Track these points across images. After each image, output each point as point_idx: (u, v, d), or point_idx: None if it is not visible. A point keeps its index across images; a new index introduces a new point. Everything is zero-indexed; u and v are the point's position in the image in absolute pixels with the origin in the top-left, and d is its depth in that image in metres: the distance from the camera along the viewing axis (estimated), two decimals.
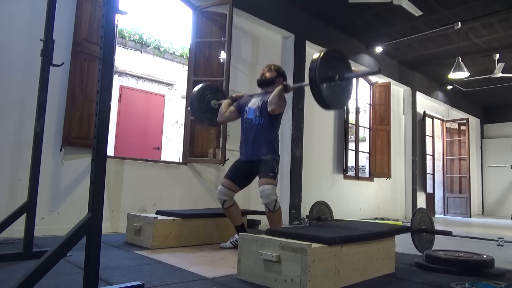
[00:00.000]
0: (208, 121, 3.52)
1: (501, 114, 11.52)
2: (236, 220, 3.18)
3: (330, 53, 2.50)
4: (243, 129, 3.18)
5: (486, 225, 7.43)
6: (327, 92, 2.43)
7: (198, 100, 3.41)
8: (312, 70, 2.38)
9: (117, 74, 7.92)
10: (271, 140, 3.07)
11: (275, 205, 2.92)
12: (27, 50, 3.41)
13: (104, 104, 1.55)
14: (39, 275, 1.38)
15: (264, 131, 3.05)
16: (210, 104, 3.46)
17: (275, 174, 2.98)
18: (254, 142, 3.06)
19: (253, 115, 3.11)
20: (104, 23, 1.57)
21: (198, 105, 3.41)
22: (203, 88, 3.46)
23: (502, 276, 2.42)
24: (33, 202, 2.37)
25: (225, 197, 3.10)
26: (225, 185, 3.10)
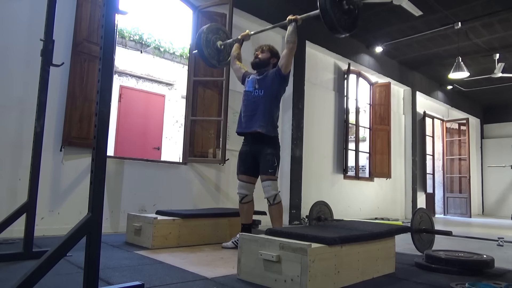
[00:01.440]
0: (217, 63, 3.58)
1: (501, 114, 11.52)
2: (247, 217, 3.19)
3: None
4: (243, 102, 3.19)
5: (486, 225, 7.43)
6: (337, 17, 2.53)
7: (205, 46, 3.44)
8: None
9: (117, 74, 7.92)
10: (270, 113, 3.05)
11: (274, 198, 3.01)
12: (27, 50, 3.41)
13: (104, 104, 1.55)
14: (39, 275, 1.38)
15: (262, 103, 3.05)
16: (216, 46, 3.49)
17: (275, 169, 3.02)
18: (251, 114, 3.07)
19: (252, 88, 3.12)
20: (104, 23, 1.57)
21: (207, 51, 3.45)
22: (205, 33, 3.46)
23: (502, 276, 2.42)
24: (33, 202, 2.37)
25: (246, 192, 3.14)
26: (244, 180, 3.14)
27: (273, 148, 3.06)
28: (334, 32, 2.64)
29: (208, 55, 3.47)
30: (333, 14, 2.49)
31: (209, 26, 3.58)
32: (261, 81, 3.10)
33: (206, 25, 3.61)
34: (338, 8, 2.54)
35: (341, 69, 7.09)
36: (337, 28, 2.58)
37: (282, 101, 5.67)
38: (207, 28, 3.51)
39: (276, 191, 3.03)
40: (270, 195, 3.00)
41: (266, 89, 3.06)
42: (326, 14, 2.49)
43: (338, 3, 2.55)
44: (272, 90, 3.07)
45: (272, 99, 3.08)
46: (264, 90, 3.06)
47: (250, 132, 3.07)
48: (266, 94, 3.06)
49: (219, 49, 3.51)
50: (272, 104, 3.08)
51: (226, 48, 3.64)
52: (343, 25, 2.61)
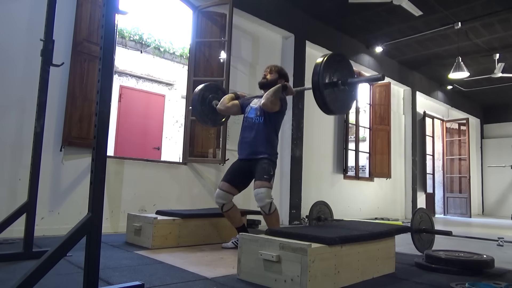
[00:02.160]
0: (211, 122, 3.52)
1: (501, 114, 11.52)
2: (236, 222, 3.16)
3: (333, 57, 2.49)
4: (243, 127, 3.18)
5: (486, 225, 7.43)
6: (330, 97, 2.42)
7: (200, 103, 3.39)
8: (315, 75, 2.36)
9: (117, 74, 7.92)
10: (270, 140, 3.06)
11: (270, 207, 2.88)
12: (27, 50, 3.41)
13: (104, 104, 1.55)
14: (39, 275, 1.38)
15: (263, 130, 3.04)
16: (212, 105, 3.44)
17: (270, 176, 2.94)
18: (252, 141, 3.05)
19: (254, 114, 3.11)
20: (104, 23, 1.57)
21: (200, 108, 3.39)
22: (203, 90, 3.43)
23: (502, 276, 2.42)
24: (33, 202, 2.37)
25: (223, 201, 3.06)
26: (224, 189, 3.06)
27: (270, 161, 3.02)
28: (325, 111, 2.51)
29: (202, 112, 3.40)
30: (325, 94, 2.36)
31: (207, 84, 3.55)
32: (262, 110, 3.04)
33: (205, 83, 3.54)
34: (331, 88, 2.43)
35: None
36: (329, 108, 2.44)
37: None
38: (205, 86, 3.48)
39: (270, 199, 2.88)
40: (264, 204, 2.85)
41: (266, 116, 3.04)
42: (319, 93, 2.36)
43: (333, 83, 2.43)
44: (271, 117, 3.06)
45: (271, 126, 3.07)
46: (264, 117, 3.05)
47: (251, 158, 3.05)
48: (266, 121, 3.04)
49: (214, 108, 3.41)
50: (272, 131, 3.08)
51: None
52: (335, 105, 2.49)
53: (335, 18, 6.29)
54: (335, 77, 2.46)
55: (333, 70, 2.46)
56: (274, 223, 2.95)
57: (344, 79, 2.49)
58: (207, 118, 3.47)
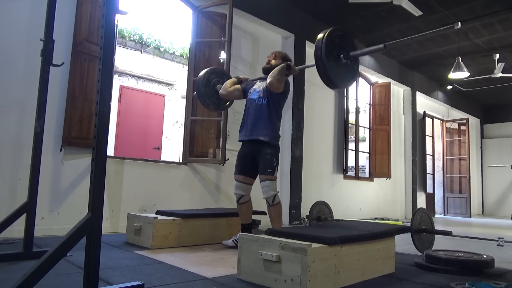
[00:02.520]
0: (214, 105, 3.53)
1: (501, 114, 11.52)
2: (246, 217, 3.20)
3: (335, 31, 2.51)
4: (245, 109, 3.20)
5: (486, 225, 7.43)
6: (333, 71, 2.45)
7: (204, 85, 3.42)
8: (318, 49, 2.39)
9: (117, 74, 7.92)
10: (272, 122, 3.08)
11: (274, 199, 2.99)
12: (27, 50, 3.41)
13: (104, 104, 1.55)
14: (39, 275, 1.38)
15: (265, 111, 3.07)
16: (216, 88, 3.46)
17: (273, 168, 3.01)
18: (254, 122, 3.08)
19: (256, 96, 3.14)
20: (104, 23, 1.57)
21: (204, 90, 3.42)
22: (208, 72, 3.46)
23: (502, 276, 2.42)
24: (33, 202, 2.37)
25: (242, 192, 3.13)
26: (241, 180, 3.14)
27: (272, 149, 3.07)
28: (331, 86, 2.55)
29: (205, 94, 3.42)
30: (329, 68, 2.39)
31: (213, 68, 3.61)
32: (265, 90, 3.09)
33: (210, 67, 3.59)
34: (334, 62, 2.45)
35: None
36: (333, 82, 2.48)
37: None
38: (211, 69, 3.53)
39: (275, 191, 3.02)
40: (269, 195, 3.00)
41: (269, 98, 3.09)
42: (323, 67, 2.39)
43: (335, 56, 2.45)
44: (274, 99, 3.10)
45: (274, 108, 3.10)
46: (267, 98, 3.09)
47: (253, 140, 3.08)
48: (268, 103, 3.08)
49: (218, 92, 3.43)
50: (274, 113, 3.11)
51: None
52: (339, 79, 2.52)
53: (335, 18, 6.29)
54: (337, 51, 2.48)
55: (335, 44, 2.48)
56: (275, 215, 3.04)
57: (346, 52, 2.51)
58: (210, 100, 3.48)
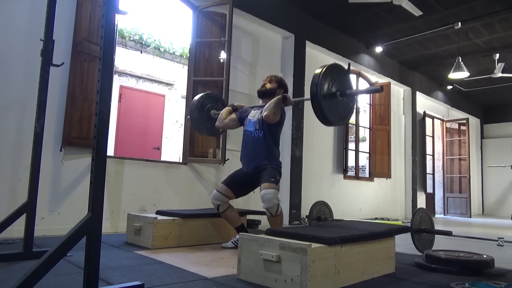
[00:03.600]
0: (207, 131, 3.50)
1: (501, 114, 11.52)
2: (234, 222, 3.17)
3: (332, 68, 2.49)
4: (243, 141, 3.17)
5: (486, 225, 7.43)
6: (328, 108, 2.42)
7: (198, 109, 3.39)
8: (313, 85, 2.37)
9: (117, 74, 7.92)
10: (271, 153, 3.06)
11: (277, 209, 2.87)
12: (27, 50, 3.41)
13: (104, 104, 1.55)
14: (39, 275, 1.38)
15: (263, 144, 3.03)
16: (210, 114, 3.43)
17: (277, 180, 2.96)
18: (253, 155, 3.06)
19: (253, 128, 3.09)
20: (104, 23, 1.57)
21: (197, 114, 3.38)
22: (203, 97, 3.43)
23: (502, 276, 2.42)
24: (33, 202, 2.37)
25: (218, 202, 3.08)
26: (221, 191, 3.08)
27: (275, 167, 3.03)
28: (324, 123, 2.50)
29: (199, 119, 3.39)
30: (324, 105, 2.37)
31: (208, 93, 3.58)
32: (262, 121, 3.04)
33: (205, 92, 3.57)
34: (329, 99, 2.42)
35: None
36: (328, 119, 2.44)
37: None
38: (206, 94, 3.50)
39: (278, 200, 2.89)
40: (272, 205, 2.82)
41: (265, 129, 3.04)
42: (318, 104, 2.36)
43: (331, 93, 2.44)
44: (271, 130, 3.06)
45: (271, 138, 3.06)
46: (264, 130, 3.04)
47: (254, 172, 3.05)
48: (265, 135, 3.04)
49: (212, 118, 3.40)
50: (272, 143, 3.07)
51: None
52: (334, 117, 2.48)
53: (335, 18, 6.29)
54: (333, 88, 2.46)
55: (332, 80, 2.46)
56: (278, 225, 2.95)
57: (342, 90, 2.49)
58: (203, 126, 3.44)
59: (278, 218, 2.92)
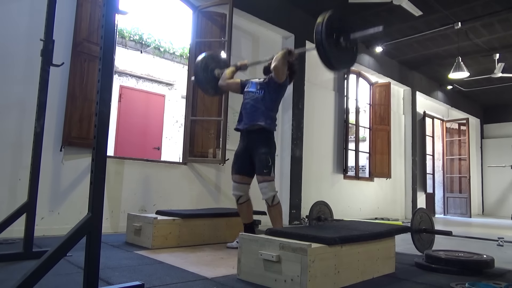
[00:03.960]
0: (212, 90, 3.53)
1: (501, 114, 11.52)
2: (247, 217, 3.19)
3: (334, 15, 2.55)
4: (243, 102, 3.22)
5: (486, 225, 7.43)
6: (333, 54, 2.50)
7: (202, 70, 3.42)
8: (318, 33, 2.45)
9: (117, 74, 7.92)
10: (269, 110, 3.10)
11: (273, 199, 2.99)
12: (27, 50, 3.41)
13: (104, 104, 1.55)
14: (39, 275, 1.38)
15: (262, 101, 3.10)
16: (214, 74, 3.48)
17: (269, 168, 2.99)
18: (251, 110, 3.10)
19: (255, 88, 3.17)
20: (104, 23, 1.58)
21: (203, 75, 3.43)
22: (206, 58, 3.46)
23: (502, 276, 2.42)
24: (33, 202, 2.37)
25: (240, 192, 3.12)
26: (237, 180, 3.13)
27: (267, 147, 3.05)
28: (330, 68, 2.60)
29: (205, 79, 3.43)
30: (329, 51, 2.44)
31: (211, 52, 3.61)
32: (263, 83, 3.16)
33: (207, 52, 3.59)
34: (334, 45, 2.50)
35: None
36: (333, 65, 2.54)
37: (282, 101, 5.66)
38: (208, 54, 3.53)
39: (274, 191, 3.00)
40: (268, 196, 2.99)
41: (267, 90, 3.12)
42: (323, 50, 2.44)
43: (335, 39, 2.50)
44: (272, 91, 3.13)
45: (271, 99, 3.13)
46: (265, 91, 3.12)
47: (249, 128, 3.08)
48: (265, 95, 3.11)
49: (216, 78, 3.45)
50: (271, 103, 3.14)
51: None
52: (339, 61, 2.57)
53: None
54: (337, 34, 2.53)
55: (335, 28, 2.52)
56: (276, 215, 3.03)
57: (346, 35, 2.56)
58: (209, 86, 3.49)
59: (276, 208, 3.02)
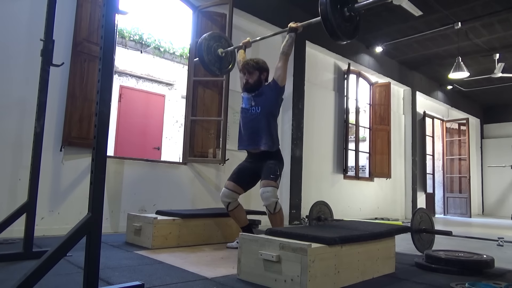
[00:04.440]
0: (218, 70, 3.58)
1: (501, 114, 11.52)
2: (241, 221, 3.14)
3: None
4: (241, 117, 3.13)
5: (486, 225, 7.43)
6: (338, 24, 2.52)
7: (206, 52, 3.44)
8: (322, 4, 2.46)
9: (117, 74, 7.92)
10: (270, 130, 2.99)
11: (275, 207, 2.87)
12: (27, 50, 3.41)
13: (104, 104, 1.55)
14: (39, 275, 1.38)
15: (261, 120, 2.98)
16: (217, 53, 3.50)
17: (277, 176, 2.94)
18: (251, 132, 3.01)
19: (248, 105, 3.04)
20: (104, 23, 1.57)
21: (207, 57, 3.45)
22: (207, 39, 3.47)
23: (502, 276, 2.42)
24: (33, 202, 2.37)
25: (229, 200, 3.05)
26: (229, 188, 3.05)
27: (276, 160, 3.01)
28: (335, 38, 2.62)
29: (209, 61, 3.47)
30: (334, 21, 2.48)
31: (211, 33, 3.61)
32: (257, 98, 3.01)
33: (208, 32, 3.62)
34: (339, 15, 2.54)
35: (341, 69, 7.10)
36: (338, 35, 2.56)
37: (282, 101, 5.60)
38: (209, 35, 3.53)
39: (276, 198, 2.88)
40: (269, 202, 2.85)
41: (263, 106, 2.99)
42: (327, 20, 2.48)
43: (340, 10, 2.55)
44: (269, 106, 3.01)
45: (270, 115, 3.01)
46: (261, 107, 2.99)
47: (252, 151, 3.05)
48: (263, 111, 2.99)
49: (220, 57, 3.51)
50: (270, 120, 3.01)
51: (227, 56, 3.63)
52: (344, 31, 2.59)
53: None
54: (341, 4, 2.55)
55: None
56: (278, 222, 2.95)
57: (351, 4, 2.59)
58: (214, 67, 3.52)
59: (277, 215, 2.92)
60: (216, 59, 3.52)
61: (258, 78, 3.05)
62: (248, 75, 3.05)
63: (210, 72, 3.64)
